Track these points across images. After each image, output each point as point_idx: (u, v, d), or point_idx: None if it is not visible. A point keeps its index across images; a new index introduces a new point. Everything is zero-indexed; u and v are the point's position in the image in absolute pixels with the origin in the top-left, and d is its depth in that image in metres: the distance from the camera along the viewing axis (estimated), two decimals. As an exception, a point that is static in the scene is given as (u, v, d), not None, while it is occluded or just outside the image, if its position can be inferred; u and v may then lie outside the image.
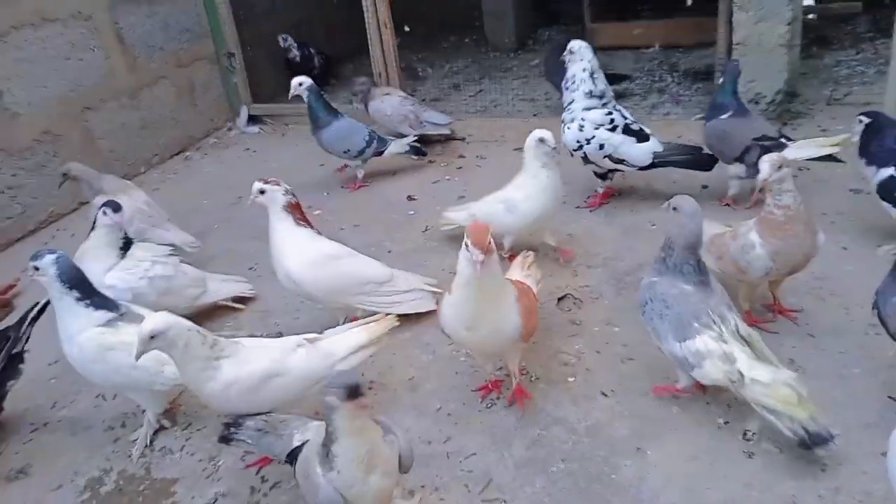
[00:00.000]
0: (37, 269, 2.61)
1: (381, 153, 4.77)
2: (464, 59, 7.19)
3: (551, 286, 3.42)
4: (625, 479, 2.40)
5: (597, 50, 5.53)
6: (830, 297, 3.13)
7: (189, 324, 2.33)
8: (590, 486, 2.39)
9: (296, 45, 6.39)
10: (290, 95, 4.64)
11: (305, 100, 4.60)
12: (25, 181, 4.50)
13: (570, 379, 2.88)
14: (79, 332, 2.64)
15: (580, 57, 3.94)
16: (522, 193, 3.51)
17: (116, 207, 3.26)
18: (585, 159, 4.04)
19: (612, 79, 5.63)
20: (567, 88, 4.03)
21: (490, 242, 2.31)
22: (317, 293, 3.11)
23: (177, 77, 5.61)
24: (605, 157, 3.97)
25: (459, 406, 2.81)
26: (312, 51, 6.53)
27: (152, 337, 2.25)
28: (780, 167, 2.73)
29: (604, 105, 3.97)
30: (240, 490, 2.55)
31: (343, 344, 2.62)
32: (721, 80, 4.01)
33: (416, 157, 4.94)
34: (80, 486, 2.65)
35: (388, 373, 3.03)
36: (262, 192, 3.04)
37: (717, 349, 2.37)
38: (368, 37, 5.51)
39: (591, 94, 3.96)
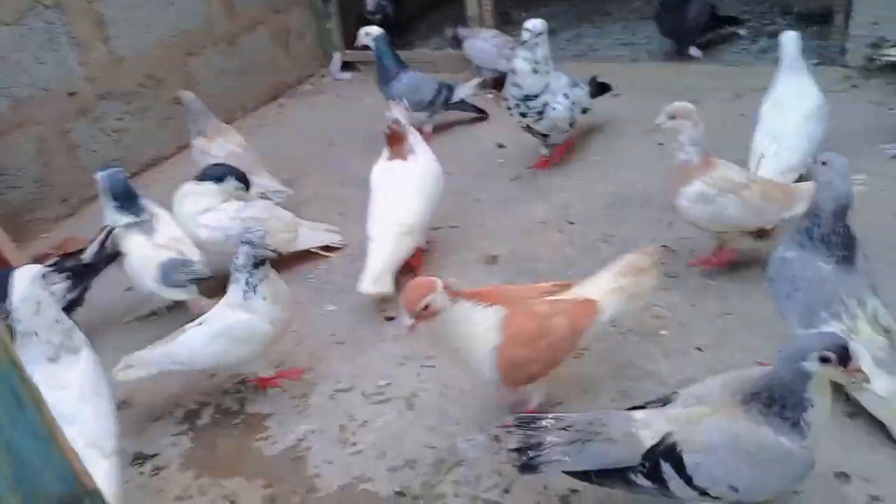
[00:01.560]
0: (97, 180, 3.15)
1: (448, 104, 4.69)
2: (562, 3, 6.95)
3: (646, 237, 3.30)
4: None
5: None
6: None
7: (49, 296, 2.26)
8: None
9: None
10: (357, 44, 4.65)
11: (374, 50, 4.55)
12: (129, 125, 4.67)
13: (663, 332, 2.80)
14: None
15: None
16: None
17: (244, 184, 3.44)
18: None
19: (723, 21, 5.38)
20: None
21: (428, 306, 2.09)
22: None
23: (273, 22, 5.65)
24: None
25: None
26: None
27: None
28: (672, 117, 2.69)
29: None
30: (329, 427, 2.62)
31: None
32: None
33: (478, 114, 4.84)
34: (179, 418, 2.78)
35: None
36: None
37: None
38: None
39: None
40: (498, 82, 5.22)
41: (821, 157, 2.31)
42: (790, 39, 3.41)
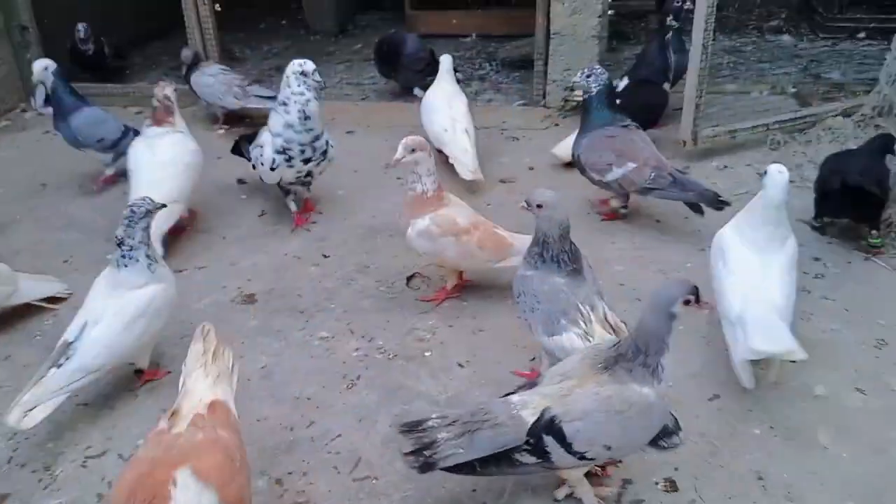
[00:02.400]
0: None
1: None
2: (283, 42, 7.00)
3: (399, 265, 3.46)
4: (489, 444, 2.50)
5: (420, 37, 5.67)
6: (650, 265, 3.45)
7: None
8: (457, 453, 2.46)
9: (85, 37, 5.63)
10: (34, 80, 4.24)
11: (49, 85, 4.12)
12: None
13: (427, 353, 2.94)
14: None
15: None
16: None
17: None
18: None
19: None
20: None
21: None
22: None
23: (-43, 50, 4.95)
24: None
25: (319, 389, 2.77)
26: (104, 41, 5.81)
27: None
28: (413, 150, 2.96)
29: None
30: (85, 498, 2.34)
31: None
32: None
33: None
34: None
35: (238, 362, 2.89)
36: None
37: (581, 346, 2.49)
38: (185, 12, 5.20)
39: None
40: (230, 117, 5.11)
41: (537, 200, 2.55)
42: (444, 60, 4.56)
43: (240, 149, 4.13)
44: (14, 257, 3.53)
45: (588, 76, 3.63)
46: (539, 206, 2.52)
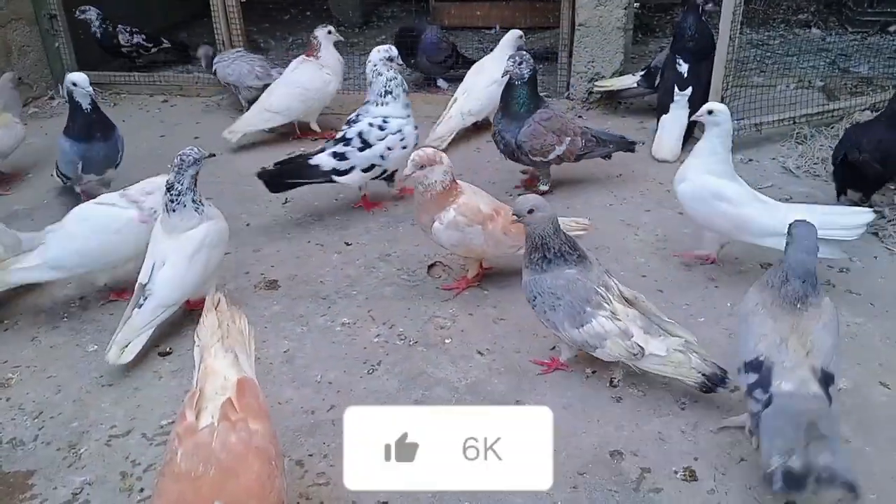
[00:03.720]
0: None
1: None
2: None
3: (420, 254, 3.48)
4: (508, 431, 2.51)
5: (442, 28, 5.68)
6: (673, 257, 3.43)
7: None
8: (476, 439, 2.47)
9: (97, 18, 5.63)
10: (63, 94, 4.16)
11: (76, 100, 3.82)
12: None
13: (447, 341, 2.95)
14: None
15: None
16: None
17: None
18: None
19: (464, 58, 5.84)
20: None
21: None
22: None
23: (-11, 38, 5.04)
24: None
25: (340, 374, 2.79)
26: (121, 28, 5.75)
27: None
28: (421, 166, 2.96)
29: None
30: (108, 476, 2.38)
31: None
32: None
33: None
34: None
35: (261, 346, 2.93)
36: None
37: (614, 328, 2.50)
38: (211, 2, 5.25)
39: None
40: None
41: (527, 206, 2.55)
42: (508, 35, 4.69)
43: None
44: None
45: (520, 63, 3.67)
46: (531, 212, 2.55)
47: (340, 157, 3.69)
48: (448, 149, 4.43)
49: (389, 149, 3.71)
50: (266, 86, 4.90)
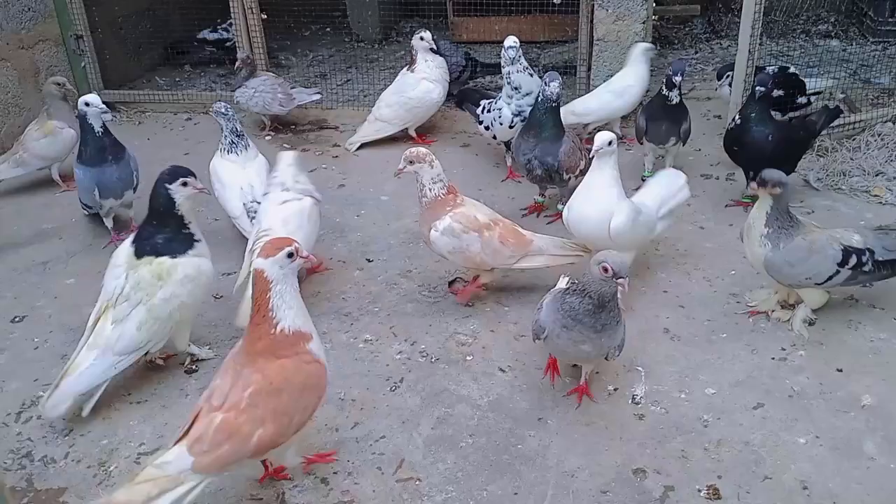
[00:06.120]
0: None
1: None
2: (327, 49, 7.10)
3: (441, 270, 3.50)
4: (530, 449, 2.52)
5: (460, 44, 5.73)
6: (695, 272, 3.43)
7: None
8: (499, 457, 2.49)
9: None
10: (80, 113, 3.91)
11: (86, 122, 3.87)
12: None
13: (469, 358, 2.97)
14: None
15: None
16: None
17: None
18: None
19: (492, 68, 5.89)
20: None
21: None
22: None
23: (19, 60, 5.12)
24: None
25: (363, 391, 2.82)
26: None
27: None
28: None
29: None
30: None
31: None
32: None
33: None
34: None
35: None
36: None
37: None
38: (233, 20, 5.33)
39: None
40: (276, 123, 5.22)
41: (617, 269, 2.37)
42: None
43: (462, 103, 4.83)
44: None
45: (554, 81, 3.66)
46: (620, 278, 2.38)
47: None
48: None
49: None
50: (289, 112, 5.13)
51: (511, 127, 4.22)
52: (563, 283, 2.88)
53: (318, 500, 2.37)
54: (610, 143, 3.03)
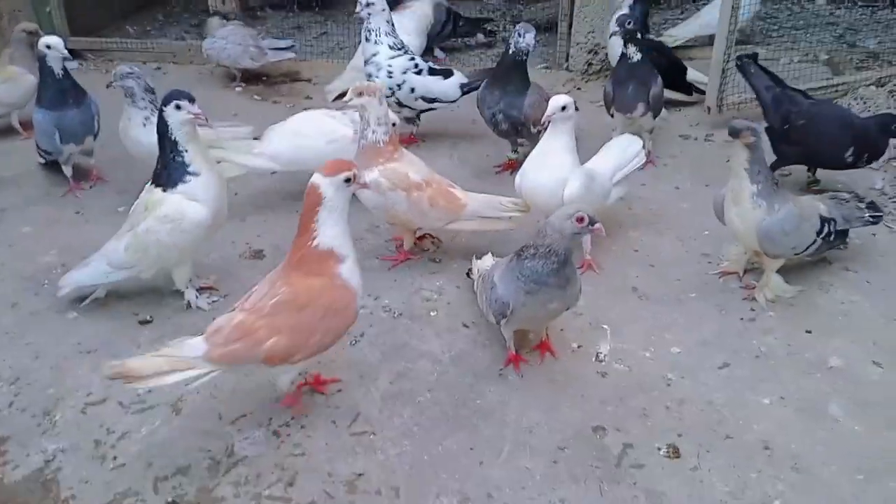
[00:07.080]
0: None
1: None
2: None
3: (409, 226, 3.41)
4: (490, 404, 2.46)
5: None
6: (667, 231, 3.36)
7: None
8: (457, 412, 2.43)
9: None
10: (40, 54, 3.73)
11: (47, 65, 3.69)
12: None
13: (433, 313, 2.90)
14: None
15: (381, 8, 3.95)
16: None
17: None
18: (399, 104, 4.10)
19: (474, 23, 5.75)
20: (369, 41, 4.01)
21: None
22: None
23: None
24: (417, 98, 4.11)
25: (321, 344, 2.73)
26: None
27: None
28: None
29: (405, 53, 4.08)
30: (82, 443, 2.34)
31: None
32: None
33: None
34: None
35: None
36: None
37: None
38: (205, -32, 5.16)
39: (393, 46, 4.03)
40: (246, 75, 5.07)
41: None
42: None
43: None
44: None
45: (529, 33, 3.57)
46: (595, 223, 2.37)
47: None
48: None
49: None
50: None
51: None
52: (488, 261, 2.82)
53: (269, 453, 2.30)
54: (564, 107, 2.90)
